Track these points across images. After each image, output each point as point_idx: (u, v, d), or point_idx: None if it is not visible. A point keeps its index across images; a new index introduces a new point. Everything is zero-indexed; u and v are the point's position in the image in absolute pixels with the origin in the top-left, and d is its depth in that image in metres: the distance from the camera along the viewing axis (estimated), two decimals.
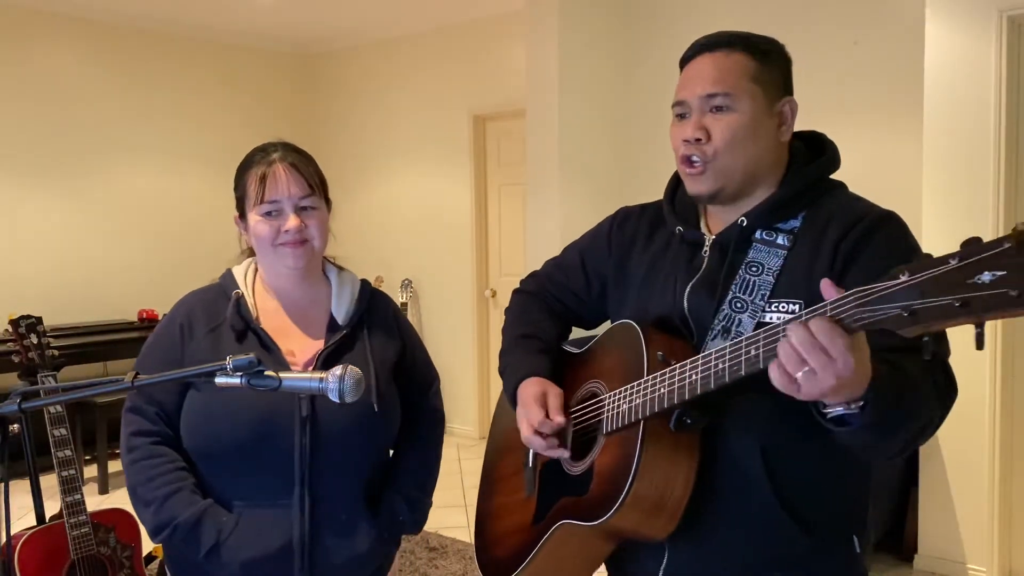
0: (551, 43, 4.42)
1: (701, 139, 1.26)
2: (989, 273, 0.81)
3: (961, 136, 3.32)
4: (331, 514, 1.53)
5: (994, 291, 0.80)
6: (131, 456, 1.52)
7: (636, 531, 1.25)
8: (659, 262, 1.38)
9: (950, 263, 0.84)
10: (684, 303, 1.30)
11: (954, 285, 0.83)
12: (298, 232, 1.51)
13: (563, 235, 4.39)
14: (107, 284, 5.64)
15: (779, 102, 1.28)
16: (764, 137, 1.27)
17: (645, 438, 1.18)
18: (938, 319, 0.85)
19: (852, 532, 1.28)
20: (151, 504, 1.48)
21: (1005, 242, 0.81)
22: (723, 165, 1.26)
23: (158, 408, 1.52)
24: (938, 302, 0.84)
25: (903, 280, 0.88)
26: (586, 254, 1.53)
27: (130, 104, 5.76)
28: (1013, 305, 0.80)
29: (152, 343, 1.59)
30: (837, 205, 1.27)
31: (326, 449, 1.50)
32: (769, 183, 1.30)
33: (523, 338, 1.49)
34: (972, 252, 0.83)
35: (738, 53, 1.27)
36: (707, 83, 1.26)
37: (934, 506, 3.45)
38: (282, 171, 1.52)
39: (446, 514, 4.29)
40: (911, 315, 0.87)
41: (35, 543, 2.50)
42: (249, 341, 1.52)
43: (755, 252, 1.27)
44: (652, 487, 1.18)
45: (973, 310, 0.82)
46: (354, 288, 1.65)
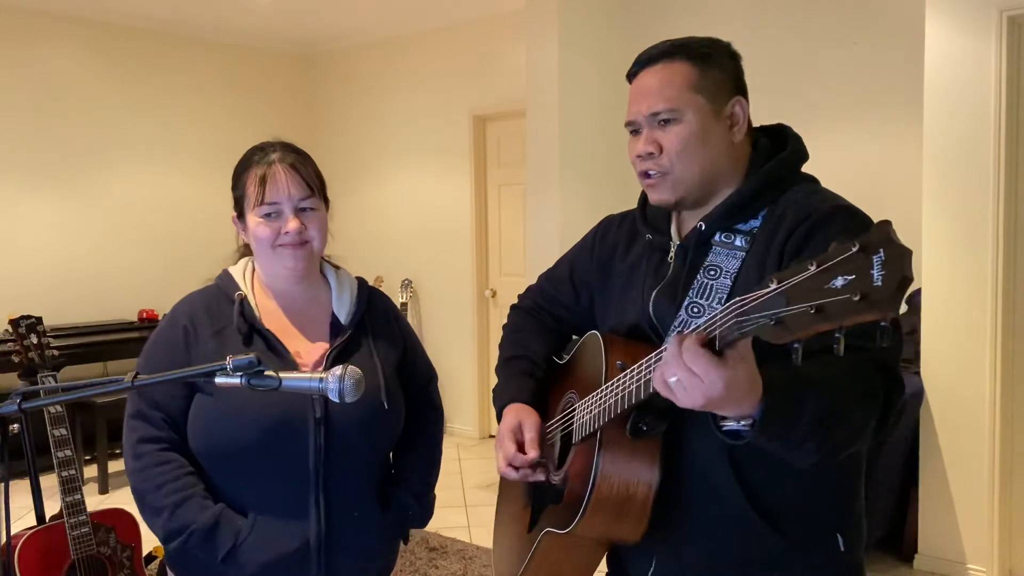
0: (551, 43, 4.42)
1: (653, 152, 1.28)
2: (841, 278, 0.80)
3: (961, 136, 3.32)
4: (345, 513, 1.53)
5: (842, 296, 0.79)
6: (139, 463, 1.49)
7: (608, 535, 1.28)
8: (635, 270, 1.40)
9: (809, 269, 0.83)
10: (650, 309, 1.32)
11: (813, 291, 0.82)
12: (298, 234, 1.51)
13: (563, 235, 4.39)
14: (107, 284, 5.64)
15: (727, 104, 1.28)
16: (716, 142, 1.28)
17: (602, 446, 1.22)
18: (801, 327, 0.83)
19: (835, 530, 1.27)
20: (162, 511, 1.46)
21: (853, 245, 0.79)
22: (679, 175, 1.28)
23: (164, 413, 1.51)
24: (797, 310, 0.83)
25: (772, 288, 0.86)
26: (574, 265, 1.56)
27: (130, 104, 5.76)
28: (857, 310, 0.78)
29: (154, 346, 1.56)
30: (792, 202, 1.26)
31: (340, 449, 1.51)
32: (731, 182, 1.30)
33: (512, 359, 1.54)
34: (827, 257, 0.81)
35: (677, 63, 1.28)
36: (651, 100, 1.28)
37: (934, 506, 3.45)
38: (282, 172, 1.51)
39: (446, 514, 4.29)
40: (777, 323, 0.85)
41: (35, 543, 2.49)
42: (256, 343, 1.52)
43: (713, 255, 1.28)
44: (612, 492, 1.21)
45: (828, 316, 0.80)
46: (353, 287, 1.65)
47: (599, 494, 1.21)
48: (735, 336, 0.93)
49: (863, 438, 1.13)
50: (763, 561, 1.25)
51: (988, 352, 3.28)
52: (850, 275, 0.79)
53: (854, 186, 1.35)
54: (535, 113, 4.53)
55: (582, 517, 1.22)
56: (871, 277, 0.77)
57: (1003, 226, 3.25)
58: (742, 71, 1.33)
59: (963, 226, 3.32)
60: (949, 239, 3.36)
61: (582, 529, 1.24)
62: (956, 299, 3.35)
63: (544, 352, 1.54)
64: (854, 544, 1.29)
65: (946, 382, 3.37)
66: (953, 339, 3.36)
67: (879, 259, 0.77)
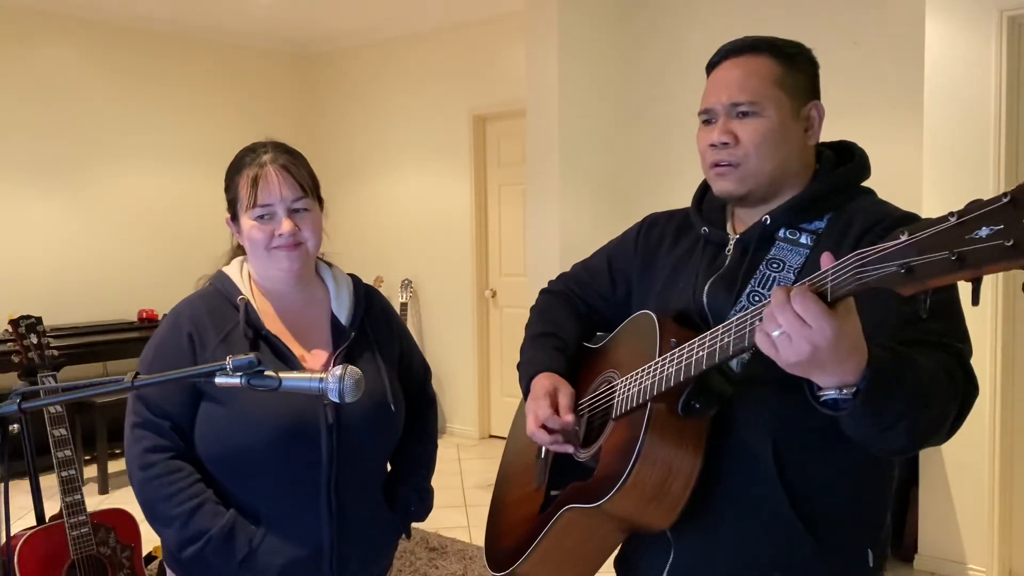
0: (551, 43, 4.42)
1: (728, 143, 1.27)
2: (987, 228, 0.80)
3: (961, 136, 3.32)
4: (355, 514, 1.54)
5: (990, 243, 0.79)
6: (148, 473, 1.47)
7: (637, 518, 1.23)
8: (683, 263, 1.39)
9: (949, 220, 0.83)
10: (703, 298, 1.31)
11: (952, 241, 0.82)
12: (292, 235, 1.50)
13: (563, 235, 4.39)
14: (107, 284, 5.64)
15: (806, 106, 1.29)
16: (791, 141, 1.27)
17: (651, 419, 1.18)
18: (935, 274, 0.84)
19: (866, 545, 1.25)
20: (175, 520, 1.45)
21: (1003, 197, 0.80)
22: (752, 168, 1.27)
23: (170, 422, 1.49)
24: (934, 257, 0.83)
25: (902, 240, 0.87)
26: (613, 257, 1.55)
27: (130, 104, 5.76)
28: (1008, 256, 0.79)
29: (157, 353, 1.53)
30: (861, 208, 1.26)
31: (350, 454, 1.51)
32: (796, 186, 1.30)
33: (541, 336, 1.51)
34: (971, 208, 0.82)
35: (764, 57, 1.28)
36: (733, 90, 1.27)
37: (934, 506, 3.45)
38: (274, 174, 1.50)
39: (446, 514, 4.29)
40: (907, 272, 0.85)
41: (35, 543, 2.49)
42: (262, 350, 1.50)
43: (777, 250, 1.28)
44: (655, 470, 1.17)
45: (968, 263, 0.81)
46: (349, 287, 1.65)
47: (640, 471, 1.16)
48: (850, 288, 0.92)
49: (943, 429, 1.12)
50: (793, 562, 1.22)
51: (988, 352, 3.28)
52: (998, 225, 0.79)
53: None
54: (535, 113, 4.53)
55: (617, 492, 1.17)
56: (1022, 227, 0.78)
57: None
58: (819, 78, 1.33)
59: None
60: None
61: (612, 506, 1.19)
62: None
63: (575, 333, 1.52)
64: (880, 563, 1.28)
65: None
66: None
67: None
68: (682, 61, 4.48)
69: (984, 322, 3.28)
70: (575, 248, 4.34)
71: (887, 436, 1.05)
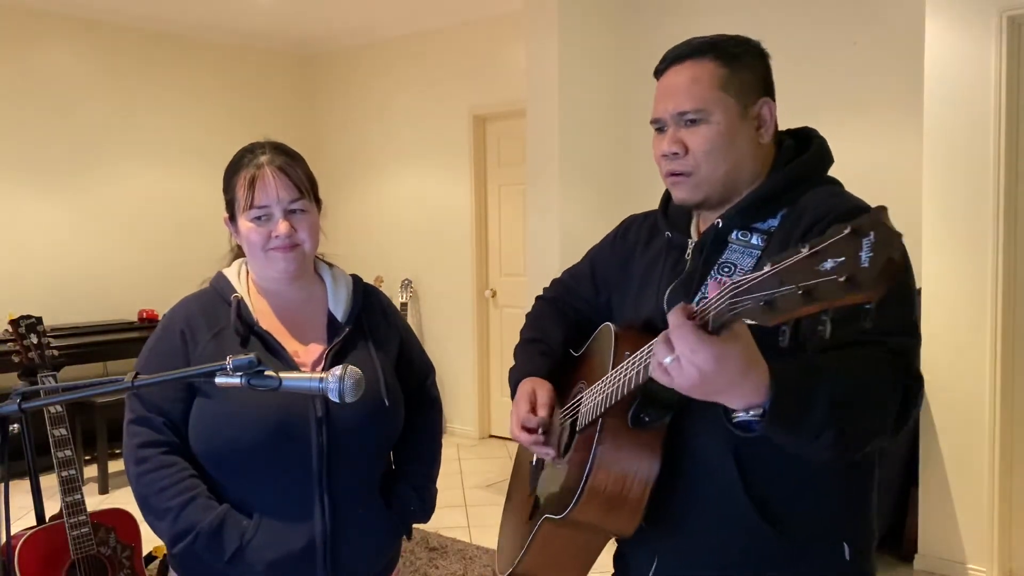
0: (551, 43, 4.42)
1: (678, 153, 1.27)
2: (831, 260, 0.79)
3: (961, 136, 3.32)
4: (349, 511, 1.54)
5: (829, 278, 0.79)
6: (141, 468, 1.49)
7: (602, 525, 1.28)
8: (652, 268, 1.40)
9: (801, 251, 0.82)
10: (664, 305, 1.31)
11: (804, 273, 0.81)
12: (288, 237, 1.51)
13: (563, 235, 4.39)
14: (107, 284, 5.64)
15: (755, 105, 1.27)
16: (742, 143, 1.26)
17: (602, 434, 1.21)
18: (789, 309, 0.83)
19: (840, 539, 1.25)
20: (167, 514, 1.46)
21: (845, 228, 0.79)
22: (704, 175, 1.27)
23: (165, 418, 1.51)
24: (786, 291, 0.82)
25: (766, 270, 0.85)
26: (595, 262, 1.57)
27: (130, 104, 5.76)
28: (842, 292, 0.78)
29: (152, 351, 1.55)
30: (814, 202, 1.24)
31: (342, 447, 1.52)
32: (754, 184, 1.29)
33: (530, 342, 1.55)
34: (820, 240, 0.81)
35: (707, 62, 1.26)
36: (678, 99, 1.27)
37: (934, 506, 3.45)
38: (270, 175, 1.50)
39: (446, 514, 4.29)
40: (767, 304, 0.85)
41: (35, 543, 2.50)
42: (253, 345, 1.52)
43: (729, 253, 1.27)
44: (609, 482, 1.21)
45: (815, 298, 0.80)
46: (348, 285, 1.66)
47: (594, 482, 1.21)
48: (728, 317, 0.92)
49: (882, 432, 1.10)
50: (764, 563, 1.24)
51: (988, 352, 3.28)
52: (840, 257, 0.79)
53: (854, 186, 1.34)
54: (535, 113, 4.53)
55: (575, 504, 1.22)
56: (859, 260, 0.77)
57: (1003, 226, 3.25)
58: (770, 72, 1.31)
59: (963, 226, 3.33)
60: (949, 239, 3.36)
61: (576, 516, 1.24)
62: (956, 299, 3.35)
63: (561, 339, 1.54)
64: (861, 555, 1.27)
65: (946, 382, 3.37)
66: (953, 339, 3.35)
67: (868, 241, 0.77)
68: None
69: (984, 322, 3.29)
70: (575, 248, 4.33)
71: (814, 447, 1.05)
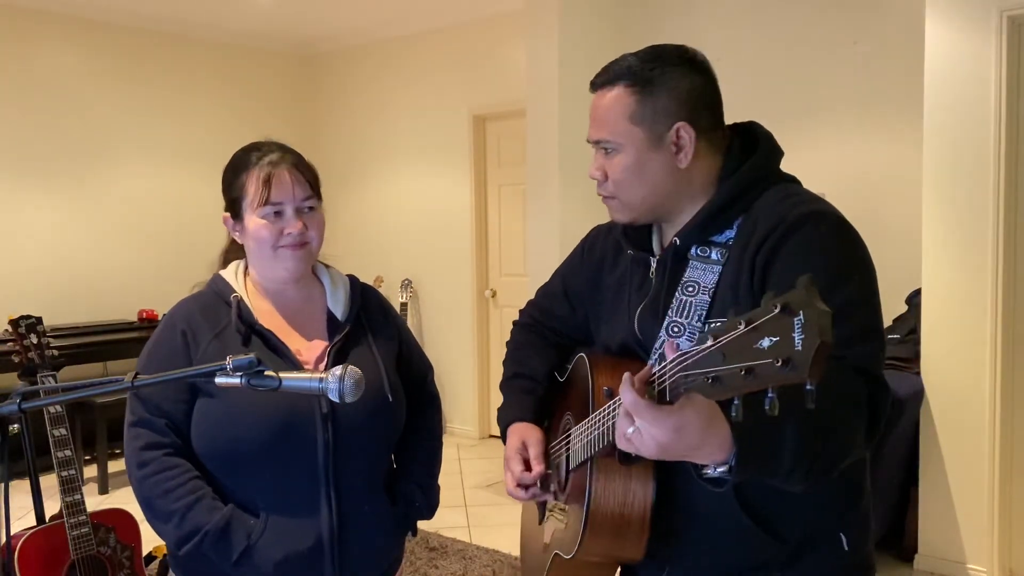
0: (551, 43, 4.42)
1: (599, 179, 1.31)
2: (768, 338, 0.78)
3: (961, 136, 3.32)
4: (355, 508, 1.54)
5: (767, 360, 0.78)
6: (144, 471, 1.48)
7: (611, 555, 1.29)
8: (621, 286, 1.40)
9: (739, 328, 0.81)
10: (635, 328, 1.31)
11: (744, 350, 0.80)
12: (300, 235, 1.52)
13: (563, 235, 4.39)
14: (107, 284, 5.64)
15: (669, 132, 1.24)
16: (655, 171, 1.26)
17: (593, 474, 1.22)
18: (734, 386, 0.82)
19: (837, 530, 1.26)
20: (172, 516, 1.46)
21: (774, 307, 0.78)
22: (624, 200, 1.30)
23: (166, 419, 1.50)
24: (731, 370, 0.82)
25: (709, 345, 0.85)
26: (566, 280, 1.56)
27: (130, 104, 5.76)
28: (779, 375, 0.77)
29: (153, 352, 1.55)
30: (764, 210, 1.22)
31: (347, 445, 1.52)
32: (694, 198, 1.28)
33: (512, 378, 1.56)
34: (755, 316, 0.80)
35: (618, 89, 1.27)
36: (594, 127, 1.30)
37: (934, 506, 3.45)
38: (286, 173, 1.52)
39: (446, 514, 4.29)
40: (714, 382, 0.84)
41: (35, 543, 2.49)
42: (255, 344, 1.52)
43: (691, 270, 1.26)
44: (608, 516, 1.22)
45: (758, 378, 0.79)
46: (346, 284, 1.67)
47: (594, 520, 1.22)
48: (679, 391, 0.93)
49: (853, 451, 1.11)
50: (767, 566, 1.24)
51: (988, 352, 3.28)
52: (775, 336, 0.78)
53: (854, 187, 1.34)
54: (535, 113, 4.53)
55: (581, 543, 1.23)
56: (792, 341, 0.76)
57: (1003, 226, 3.25)
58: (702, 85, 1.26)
59: (963, 226, 3.33)
60: (949, 239, 3.36)
61: (584, 554, 1.25)
62: (956, 299, 3.35)
63: (544, 369, 1.54)
64: (859, 542, 1.28)
65: (946, 382, 3.37)
66: (953, 339, 3.35)
67: (799, 322, 0.76)
68: None
69: (984, 322, 3.29)
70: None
71: (786, 485, 1.07)
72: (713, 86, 1.29)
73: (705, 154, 1.27)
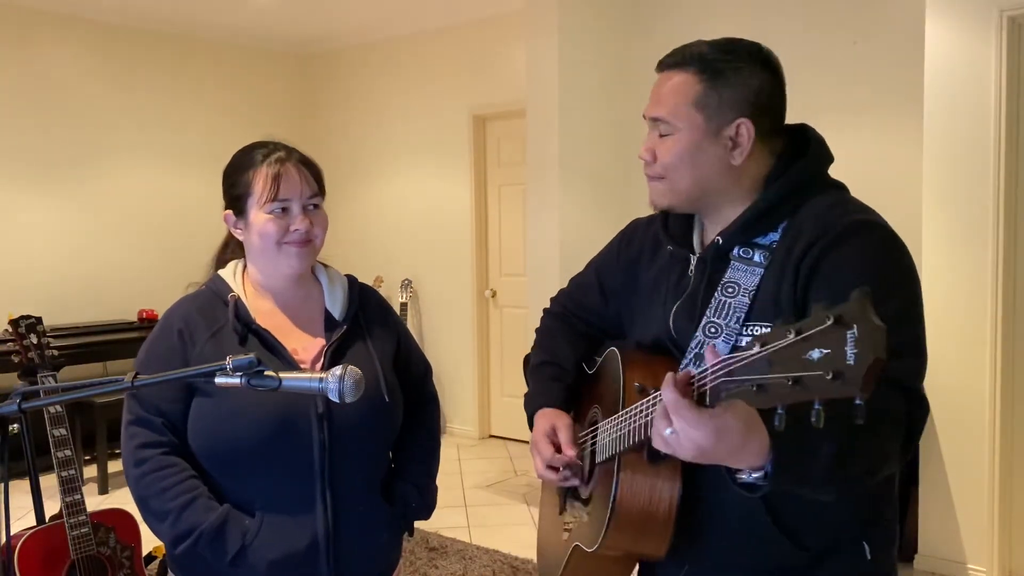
0: (551, 43, 4.42)
1: (648, 160, 1.28)
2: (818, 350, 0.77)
3: (961, 136, 3.32)
4: (351, 508, 1.54)
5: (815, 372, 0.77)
6: (141, 469, 1.48)
7: (632, 551, 1.29)
8: (658, 282, 1.38)
9: (788, 336, 0.80)
10: (670, 326, 1.30)
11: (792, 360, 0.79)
12: (306, 232, 1.53)
13: (563, 235, 4.39)
14: (107, 284, 5.64)
15: (729, 126, 1.22)
16: (707, 163, 1.24)
17: (621, 471, 1.22)
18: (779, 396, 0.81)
19: (860, 538, 1.25)
20: (168, 515, 1.46)
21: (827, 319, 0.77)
22: (668, 185, 1.27)
23: (164, 418, 1.50)
24: (778, 379, 0.81)
25: (756, 351, 0.84)
26: (601, 272, 1.54)
27: (130, 104, 5.76)
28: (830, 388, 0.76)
29: (150, 352, 1.55)
30: (812, 215, 1.20)
31: (343, 444, 1.52)
32: (738, 198, 1.26)
33: (541, 366, 1.54)
34: (806, 325, 0.79)
35: (687, 74, 1.24)
36: (653, 105, 1.28)
37: (934, 506, 3.45)
38: (294, 170, 1.54)
39: (446, 514, 4.29)
40: (759, 389, 0.84)
41: (35, 543, 2.49)
42: (251, 343, 1.52)
43: (732, 271, 1.24)
44: (633, 513, 1.22)
45: (806, 388, 0.78)
46: (344, 284, 1.67)
47: (619, 516, 1.21)
48: (721, 397, 0.92)
49: (888, 465, 1.10)
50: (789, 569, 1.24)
51: (988, 352, 3.28)
52: (826, 348, 0.77)
53: (854, 187, 1.33)
54: (535, 113, 4.53)
55: (604, 538, 1.23)
56: (844, 354, 0.75)
57: (1003, 226, 3.25)
58: (769, 85, 1.25)
59: (963, 226, 3.33)
60: (949, 239, 3.36)
61: (606, 548, 1.25)
62: (956, 299, 3.35)
63: (574, 358, 1.53)
64: (882, 551, 1.27)
65: (946, 382, 3.37)
66: (953, 339, 3.35)
67: (852, 336, 0.75)
68: None
69: (984, 322, 3.29)
70: (575, 248, 4.34)
71: (818, 495, 1.07)
72: (781, 90, 1.28)
73: (758, 156, 1.26)
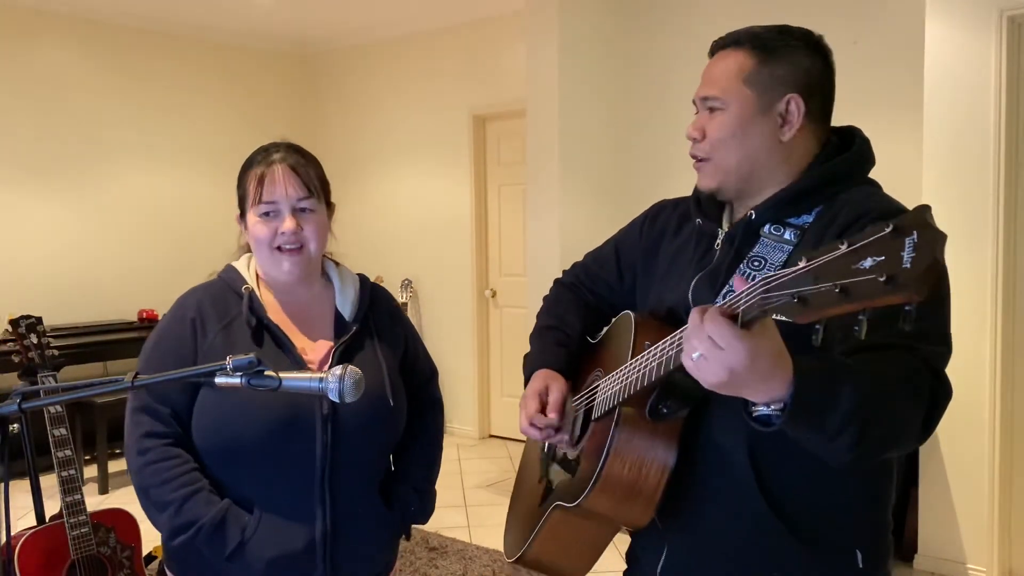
0: (551, 43, 4.42)
1: (696, 138, 1.29)
2: (871, 259, 0.78)
3: (961, 135, 3.32)
4: (350, 510, 1.54)
5: (868, 277, 0.77)
6: (144, 458, 1.48)
7: (615, 515, 1.27)
8: (680, 255, 1.39)
9: (839, 248, 0.81)
10: (689, 294, 1.30)
11: (841, 271, 0.80)
12: (294, 234, 1.51)
13: (563, 235, 4.39)
14: (107, 284, 5.64)
15: (780, 101, 1.25)
16: (756, 137, 1.25)
17: (619, 423, 1.21)
18: (824, 306, 0.81)
19: (854, 545, 1.23)
20: (168, 506, 1.46)
21: (886, 227, 0.78)
22: (716, 163, 1.28)
23: (170, 408, 1.50)
24: (822, 288, 0.81)
25: (801, 266, 0.84)
26: (620, 246, 1.55)
27: (130, 104, 5.76)
28: (882, 292, 0.76)
29: (159, 340, 1.55)
30: (850, 201, 1.22)
31: (345, 446, 1.52)
32: (782, 179, 1.27)
33: (546, 329, 1.53)
34: (860, 237, 0.80)
35: (740, 51, 1.28)
36: (705, 85, 1.29)
37: (934, 506, 3.45)
38: (280, 172, 1.52)
39: (446, 514, 4.29)
40: (800, 301, 0.83)
41: (35, 543, 2.49)
42: (264, 338, 1.52)
43: (760, 246, 1.25)
44: (624, 471, 1.20)
45: (852, 296, 0.78)
46: (355, 284, 1.66)
47: (609, 471, 1.20)
48: (757, 314, 0.91)
49: (906, 438, 1.09)
50: (772, 561, 1.22)
51: (988, 352, 3.28)
52: (880, 256, 0.77)
53: None
54: (535, 113, 4.53)
55: (590, 492, 1.21)
56: (900, 259, 0.75)
57: (1003, 226, 3.25)
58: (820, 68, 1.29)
59: (963, 226, 3.32)
60: (949, 239, 3.35)
61: (589, 504, 1.23)
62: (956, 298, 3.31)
63: (579, 326, 1.53)
64: (875, 562, 1.25)
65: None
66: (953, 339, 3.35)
67: (911, 241, 0.76)
68: (683, 61, 4.47)
69: (984, 322, 3.28)
70: (575, 248, 4.32)
71: (831, 448, 1.03)
72: (830, 75, 1.31)
73: (806, 137, 1.28)
